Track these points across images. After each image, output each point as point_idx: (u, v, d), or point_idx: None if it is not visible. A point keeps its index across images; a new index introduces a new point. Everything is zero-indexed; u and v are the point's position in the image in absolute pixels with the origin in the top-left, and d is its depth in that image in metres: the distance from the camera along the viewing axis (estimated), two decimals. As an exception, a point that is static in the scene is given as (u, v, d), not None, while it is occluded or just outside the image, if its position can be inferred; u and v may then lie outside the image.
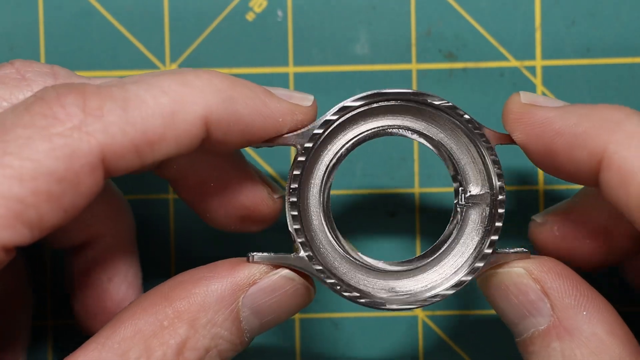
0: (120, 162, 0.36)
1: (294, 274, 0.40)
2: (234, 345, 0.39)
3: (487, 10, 0.48)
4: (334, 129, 0.41)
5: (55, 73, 0.40)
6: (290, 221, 0.40)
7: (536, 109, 0.41)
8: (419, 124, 0.42)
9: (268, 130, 0.40)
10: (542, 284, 0.41)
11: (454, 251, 0.42)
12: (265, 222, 0.44)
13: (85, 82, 0.38)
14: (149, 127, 0.37)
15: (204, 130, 0.38)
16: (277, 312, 0.40)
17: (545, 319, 0.40)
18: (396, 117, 0.42)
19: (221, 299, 0.39)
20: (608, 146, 0.38)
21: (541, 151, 0.41)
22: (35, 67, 0.40)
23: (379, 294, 0.41)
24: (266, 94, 0.40)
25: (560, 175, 0.41)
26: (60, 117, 0.36)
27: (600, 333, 0.40)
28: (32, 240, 0.36)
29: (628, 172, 0.38)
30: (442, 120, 0.42)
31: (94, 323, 0.44)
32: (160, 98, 0.37)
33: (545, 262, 0.41)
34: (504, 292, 0.42)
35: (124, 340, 0.38)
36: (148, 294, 0.39)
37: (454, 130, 0.42)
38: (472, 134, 0.41)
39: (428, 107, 0.41)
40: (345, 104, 0.41)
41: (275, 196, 0.43)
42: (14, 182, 0.35)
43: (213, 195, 0.43)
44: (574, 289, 0.41)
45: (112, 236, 0.44)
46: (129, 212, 0.46)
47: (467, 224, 0.42)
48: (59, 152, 0.35)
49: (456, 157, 0.42)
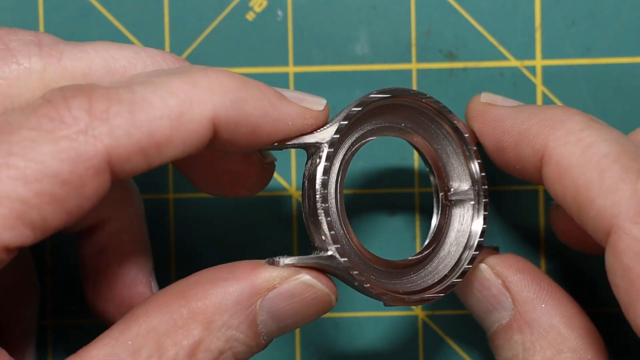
0: (126, 165, 0.36)
1: (315, 281, 0.39)
2: (249, 347, 0.39)
3: (487, 10, 0.48)
4: (343, 131, 0.41)
5: (40, 40, 0.40)
6: (326, 227, 0.40)
7: (491, 108, 0.43)
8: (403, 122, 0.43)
9: (277, 133, 0.39)
10: (503, 279, 0.43)
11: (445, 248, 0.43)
12: (255, 188, 0.43)
13: (93, 83, 0.38)
14: (156, 129, 0.36)
15: (212, 131, 0.38)
16: (296, 317, 0.39)
17: (507, 313, 0.43)
18: (385, 116, 0.42)
19: (238, 302, 0.38)
20: (548, 143, 0.40)
21: (494, 147, 0.42)
22: (20, 35, 0.40)
23: (399, 292, 0.41)
24: (277, 96, 0.39)
25: (512, 172, 0.43)
26: (66, 120, 0.36)
27: (558, 325, 0.42)
28: (34, 241, 0.36)
29: (564, 168, 0.39)
30: (424, 118, 0.43)
31: (106, 307, 0.44)
32: (168, 99, 0.37)
33: (507, 258, 0.43)
34: (470, 288, 0.44)
35: (137, 337, 0.37)
36: (165, 291, 0.39)
37: (434, 128, 0.43)
38: (455, 130, 0.43)
39: (405, 102, 0.42)
40: (367, 98, 0.41)
41: (265, 161, 0.43)
42: (18, 183, 0.35)
43: (203, 163, 0.43)
44: (533, 283, 0.42)
45: (121, 220, 0.44)
46: (137, 195, 0.45)
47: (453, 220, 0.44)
48: (64, 154, 0.35)
49: (440, 155, 0.43)
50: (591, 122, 0.40)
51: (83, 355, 0.37)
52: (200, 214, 0.49)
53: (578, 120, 0.40)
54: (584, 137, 0.39)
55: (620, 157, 0.38)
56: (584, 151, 0.39)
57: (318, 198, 0.40)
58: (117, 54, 0.40)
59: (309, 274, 0.39)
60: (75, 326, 0.49)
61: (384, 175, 0.48)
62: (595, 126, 0.40)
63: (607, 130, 0.40)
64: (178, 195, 0.49)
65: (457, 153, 0.44)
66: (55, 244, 0.49)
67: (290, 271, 0.39)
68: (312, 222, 0.40)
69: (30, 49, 0.39)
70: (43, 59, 0.39)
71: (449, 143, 0.44)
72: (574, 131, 0.40)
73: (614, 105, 0.48)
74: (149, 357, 0.37)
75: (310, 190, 0.40)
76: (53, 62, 0.39)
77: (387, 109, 0.42)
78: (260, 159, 0.43)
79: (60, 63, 0.39)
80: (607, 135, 0.39)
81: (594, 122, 0.40)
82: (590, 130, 0.39)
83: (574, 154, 0.39)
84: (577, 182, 0.38)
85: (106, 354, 0.37)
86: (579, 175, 0.38)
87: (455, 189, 0.44)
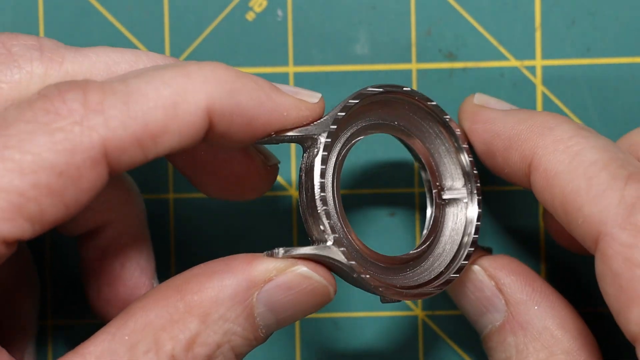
0: (123, 157, 0.36)
1: (312, 272, 0.39)
2: (248, 340, 0.39)
3: (487, 10, 0.48)
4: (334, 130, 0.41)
5: (41, 45, 0.40)
6: (324, 217, 0.40)
7: (484, 110, 0.43)
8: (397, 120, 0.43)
9: (272, 124, 0.39)
10: (497, 281, 0.43)
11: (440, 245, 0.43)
12: (260, 190, 0.44)
13: (87, 78, 0.38)
14: (151, 119, 0.37)
15: (207, 122, 0.38)
16: (294, 309, 0.39)
17: (500, 315, 0.43)
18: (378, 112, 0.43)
19: (235, 295, 0.38)
20: (537, 150, 0.40)
21: (483, 150, 0.43)
22: (22, 40, 0.40)
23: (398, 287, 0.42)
24: (271, 87, 0.39)
25: (501, 175, 0.43)
26: (61, 112, 0.36)
27: (551, 327, 0.42)
28: (33, 235, 0.36)
29: (552, 175, 0.39)
30: (418, 116, 0.43)
31: (109, 310, 0.44)
32: (162, 90, 0.37)
33: (501, 259, 0.43)
34: (463, 290, 0.44)
35: (133, 332, 0.37)
36: (161, 286, 0.39)
37: (426, 126, 0.44)
38: (448, 129, 0.43)
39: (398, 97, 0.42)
40: (364, 91, 0.41)
41: (268, 164, 0.43)
42: (15, 175, 0.35)
43: (206, 165, 0.43)
44: (526, 285, 0.43)
45: (122, 222, 0.44)
46: (139, 197, 0.45)
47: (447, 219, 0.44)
48: (59, 146, 0.35)
49: (432, 153, 0.43)
50: (580, 129, 0.40)
51: (80, 351, 0.37)
52: (200, 214, 0.49)
53: (567, 127, 0.40)
54: (572, 145, 0.39)
55: (608, 164, 0.38)
56: (572, 159, 0.39)
57: (316, 188, 0.40)
58: (119, 58, 0.40)
59: (306, 265, 0.39)
60: (75, 326, 0.49)
61: (384, 175, 0.48)
62: (584, 134, 0.40)
63: (596, 138, 0.40)
64: (178, 195, 0.49)
65: (450, 151, 0.44)
66: (55, 243, 0.49)
67: (287, 263, 0.39)
68: (310, 214, 0.40)
69: (32, 53, 0.40)
70: (44, 63, 0.40)
71: (441, 142, 0.44)
72: (563, 139, 0.40)
73: (614, 105, 0.48)
74: (146, 352, 0.37)
75: (308, 182, 0.40)
76: (55, 66, 0.40)
77: (381, 106, 0.43)
78: (264, 161, 0.43)
79: (62, 67, 0.40)
80: (595, 142, 0.39)
81: (582, 130, 0.40)
82: (579, 137, 0.40)
83: (562, 161, 0.39)
84: (565, 190, 0.38)
85: (103, 349, 0.37)
86: (567, 182, 0.39)
87: (448, 187, 0.44)
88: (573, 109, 0.48)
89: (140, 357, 0.37)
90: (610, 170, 0.38)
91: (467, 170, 0.43)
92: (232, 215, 0.49)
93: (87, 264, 0.45)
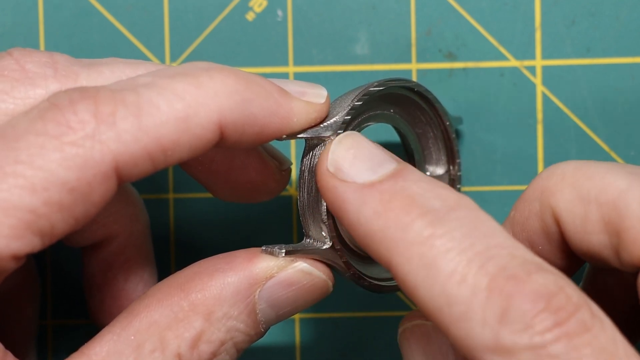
0: (133, 170, 0.36)
1: (312, 268, 0.40)
2: (249, 336, 0.39)
3: (487, 10, 0.48)
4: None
5: (55, 62, 0.40)
6: (325, 216, 0.40)
7: (340, 184, 0.38)
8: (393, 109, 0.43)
9: (283, 131, 0.39)
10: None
11: None
12: (273, 194, 0.44)
13: (97, 86, 0.37)
14: (163, 133, 0.36)
15: (219, 134, 0.37)
16: (294, 304, 0.40)
17: None
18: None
19: (237, 292, 0.38)
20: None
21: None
22: (35, 57, 0.40)
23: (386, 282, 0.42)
24: (281, 93, 0.39)
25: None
26: (73, 125, 0.35)
27: None
28: (42, 248, 0.36)
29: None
30: (410, 103, 0.43)
31: (110, 322, 0.44)
32: (175, 103, 0.36)
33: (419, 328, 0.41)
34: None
35: (139, 332, 0.38)
36: (163, 284, 0.39)
37: (417, 113, 0.44)
38: (436, 115, 0.44)
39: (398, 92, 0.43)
40: (369, 89, 0.41)
41: (282, 168, 0.43)
42: (26, 192, 0.35)
43: (221, 173, 0.43)
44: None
45: (128, 236, 0.44)
46: (143, 211, 0.45)
47: None
48: (71, 161, 0.35)
49: (419, 138, 0.44)
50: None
51: (86, 352, 0.37)
52: (200, 214, 0.49)
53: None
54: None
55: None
56: None
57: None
58: (132, 73, 0.40)
59: (306, 261, 0.39)
60: (75, 326, 0.49)
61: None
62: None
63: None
64: (178, 195, 0.49)
65: (437, 138, 0.44)
66: (56, 244, 0.49)
67: (287, 259, 0.39)
68: (311, 213, 0.40)
69: (46, 70, 0.39)
70: (59, 81, 0.39)
71: (430, 129, 0.44)
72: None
73: (614, 105, 0.48)
74: (152, 351, 0.37)
75: (312, 180, 0.40)
76: (69, 83, 0.39)
77: (380, 97, 0.43)
78: (277, 166, 0.43)
79: (77, 84, 0.39)
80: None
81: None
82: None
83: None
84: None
85: (109, 350, 0.37)
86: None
87: (430, 173, 0.44)
88: (573, 109, 0.48)
89: (147, 356, 0.37)
90: None
91: (450, 158, 0.44)
92: (232, 215, 0.49)
93: (91, 276, 0.45)
